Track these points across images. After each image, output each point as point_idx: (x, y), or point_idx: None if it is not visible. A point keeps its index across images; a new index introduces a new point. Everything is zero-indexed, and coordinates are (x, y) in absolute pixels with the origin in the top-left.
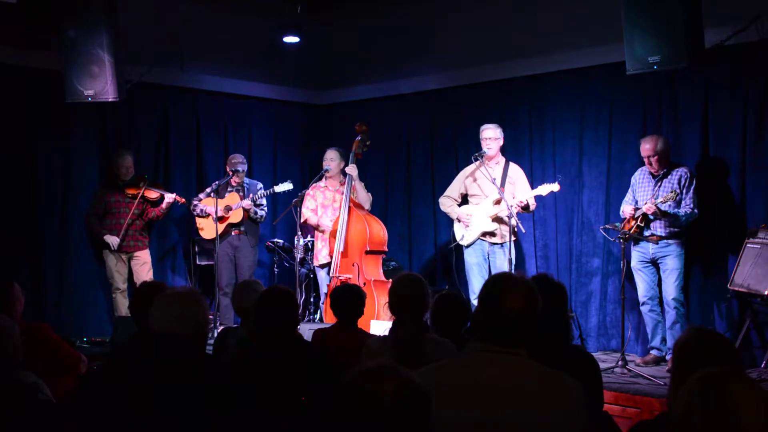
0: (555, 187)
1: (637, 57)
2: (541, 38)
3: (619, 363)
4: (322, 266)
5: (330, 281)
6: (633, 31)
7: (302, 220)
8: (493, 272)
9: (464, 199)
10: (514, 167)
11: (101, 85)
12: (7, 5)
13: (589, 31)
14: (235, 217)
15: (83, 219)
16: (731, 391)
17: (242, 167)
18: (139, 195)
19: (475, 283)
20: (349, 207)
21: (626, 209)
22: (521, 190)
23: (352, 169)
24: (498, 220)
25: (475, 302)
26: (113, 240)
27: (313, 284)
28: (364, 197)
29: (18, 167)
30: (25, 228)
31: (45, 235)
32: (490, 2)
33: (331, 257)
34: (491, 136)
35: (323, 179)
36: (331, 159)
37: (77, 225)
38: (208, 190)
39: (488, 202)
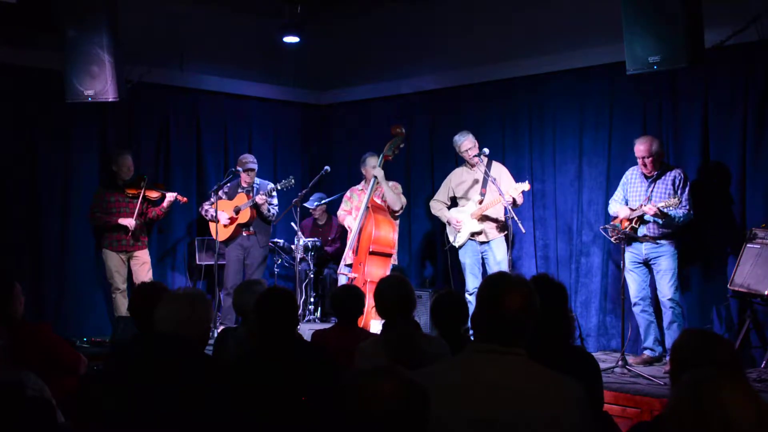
0: (525, 186)
1: (637, 57)
2: (541, 38)
3: (619, 363)
4: (347, 266)
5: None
6: (633, 31)
7: (339, 222)
8: (487, 271)
9: (453, 202)
10: (495, 165)
11: (101, 85)
12: (7, 5)
13: (589, 31)
14: (243, 217)
15: (86, 218)
16: (722, 391)
17: (254, 166)
18: (140, 195)
19: (469, 281)
20: (368, 207)
21: (620, 212)
22: (505, 186)
23: (378, 171)
24: (483, 218)
25: (469, 298)
26: (129, 221)
27: (313, 284)
28: (392, 198)
29: (18, 167)
30: (25, 228)
31: (45, 235)
32: (491, 2)
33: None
34: (469, 146)
35: (362, 182)
36: (370, 164)
37: (77, 225)
38: (220, 192)
39: (472, 203)
